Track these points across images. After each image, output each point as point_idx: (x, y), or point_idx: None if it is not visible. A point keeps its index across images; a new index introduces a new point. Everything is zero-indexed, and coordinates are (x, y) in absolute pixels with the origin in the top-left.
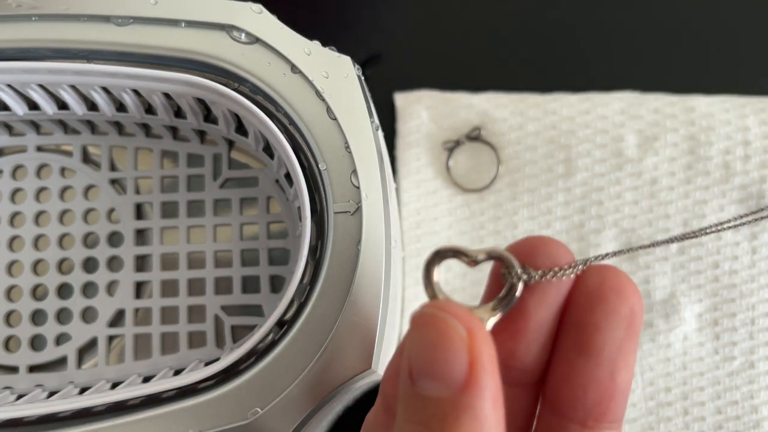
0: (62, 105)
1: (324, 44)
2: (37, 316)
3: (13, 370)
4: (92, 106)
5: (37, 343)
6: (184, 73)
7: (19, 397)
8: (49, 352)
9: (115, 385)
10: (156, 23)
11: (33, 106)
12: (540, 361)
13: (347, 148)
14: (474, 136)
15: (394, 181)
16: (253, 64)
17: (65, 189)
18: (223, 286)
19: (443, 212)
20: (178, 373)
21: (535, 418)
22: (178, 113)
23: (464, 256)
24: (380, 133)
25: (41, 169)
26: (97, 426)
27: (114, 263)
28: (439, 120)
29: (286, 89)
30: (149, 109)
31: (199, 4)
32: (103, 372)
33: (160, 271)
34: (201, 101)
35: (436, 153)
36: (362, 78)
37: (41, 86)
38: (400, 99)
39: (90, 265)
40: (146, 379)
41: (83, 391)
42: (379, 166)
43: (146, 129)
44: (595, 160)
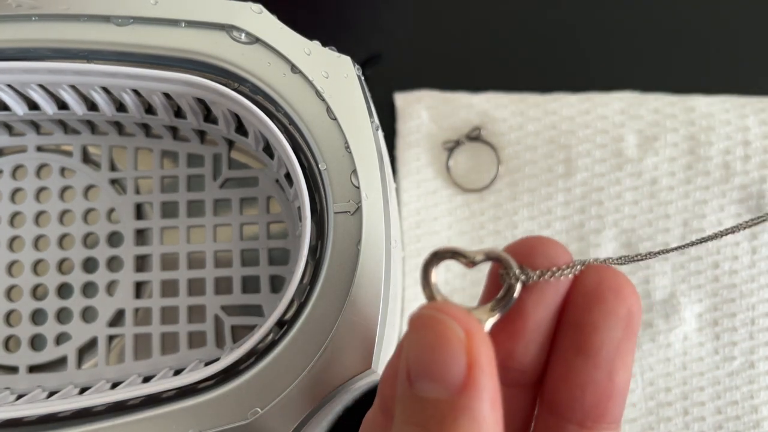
0: (62, 105)
1: (324, 44)
2: (37, 316)
3: (13, 370)
4: (92, 106)
5: (37, 343)
6: (184, 73)
7: (19, 397)
8: (49, 352)
9: (115, 385)
10: (156, 23)
11: (33, 106)
12: (538, 362)
13: (347, 148)
14: (474, 136)
15: (394, 181)
16: (253, 64)
17: (65, 189)
18: (223, 286)
19: (443, 212)
20: (178, 373)
21: (533, 419)
22: (178, 113)
23: (462, 257)
24: (380, 133)
25: (41, 169)
26: (97, 426)
27: (114, 263)
28: (439, 120)
29: (286, 89)
30: (149, 109)
31: (199, 4)
32: (103, 372)
33: (160, 271)
34: (201, 101)
35: (436, 153)
36: (362, 78)
37: (41, 86)
38: (400, 99)
39: (90, 265)
40: (146, 379)
41: (83, 391)
42: (379, 166)
43: (146, 129)
44: (595, 160)
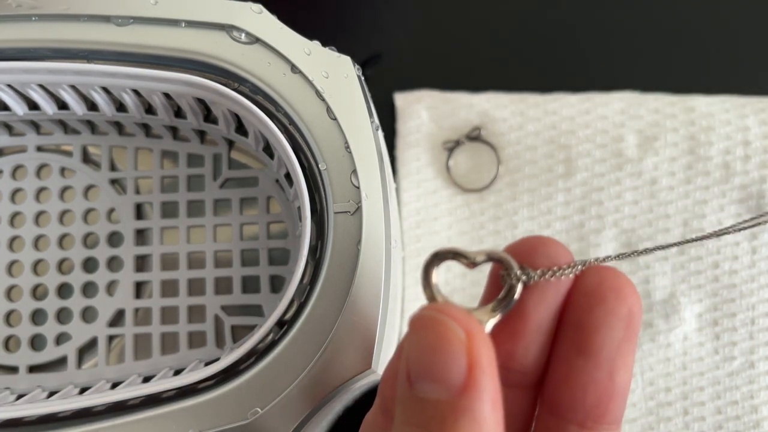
0: (62, 105)
1: (324, 44)
2: (37, 316)
3: (13, 370)
4: (92, 106)
5: (37, 343)
6: (184, 73)
7: (19, 397)
8: (49, 352)
9: (115, 385)
10: (156, 23)
11: (33, 106)
12: (539, 363)
13: (347, 148)
14: (474, 136)
15: (394, 181)
16: (253, 64)
17: (65, 189)
18: (223, 286)
19: (443, 212)
20: (178, 373)
21: (533, 420)
22: (178, 113)
23: (463, 257)
24: (380, 133)
25: (41, 169)
26: (97, 426)
27: (114, 263)
28: (439, 120)
29: (286, 89)
30: (149, 109)
31: (199, 4)
32: (103, 372)
33: (160, 271)
34: (201, 101)
35: (436, 153)
36: (362, 78)
37: (41, 86)
38: (400, 99)
39: (90, 265)
40: (146, 379)
41: (83, 391)
42: (379, 166)
43: (146, 129)
44: (595, 160)
